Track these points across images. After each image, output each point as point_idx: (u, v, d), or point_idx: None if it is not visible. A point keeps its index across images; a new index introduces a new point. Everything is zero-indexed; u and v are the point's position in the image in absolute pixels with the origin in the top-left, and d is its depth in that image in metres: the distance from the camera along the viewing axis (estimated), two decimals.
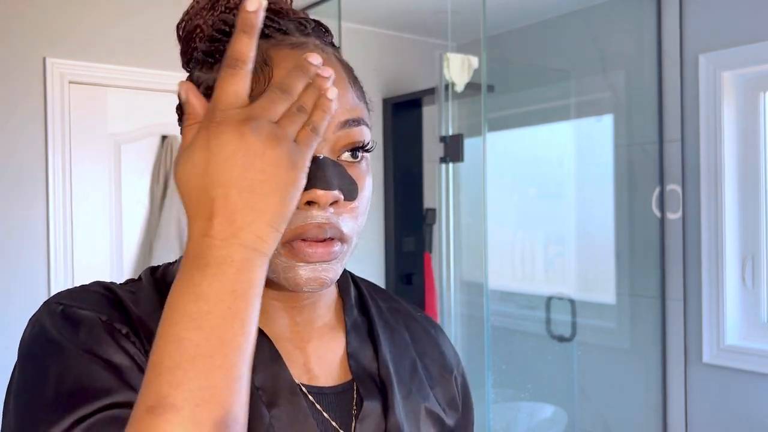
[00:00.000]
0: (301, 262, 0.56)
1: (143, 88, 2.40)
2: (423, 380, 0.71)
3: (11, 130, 2.21)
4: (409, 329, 0.75)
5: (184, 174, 0.49)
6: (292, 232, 0.56)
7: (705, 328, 2.17)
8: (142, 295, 0.61)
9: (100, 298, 0.59)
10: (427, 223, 2.86)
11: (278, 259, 0.57)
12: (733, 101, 2.16)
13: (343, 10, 2.36)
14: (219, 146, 0.47)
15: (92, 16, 2.33)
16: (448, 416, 0.72)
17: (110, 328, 0.56)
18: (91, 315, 0.56)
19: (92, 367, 0.53)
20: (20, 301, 2.21)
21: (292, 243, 0.56)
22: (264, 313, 0.63)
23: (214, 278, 0.47)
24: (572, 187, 2.70)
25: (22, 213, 2.23)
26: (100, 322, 0.56)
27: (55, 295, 0.60)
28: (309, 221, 0.56)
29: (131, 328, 0.57)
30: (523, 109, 2.80)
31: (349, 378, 0.66)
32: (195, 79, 0.63)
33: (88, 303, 0.58)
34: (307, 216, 0.56)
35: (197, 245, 0.48)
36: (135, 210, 2.49)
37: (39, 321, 0.58)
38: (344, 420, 0.64)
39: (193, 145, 0.49)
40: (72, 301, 0.58)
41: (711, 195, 2.15)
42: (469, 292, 2.81)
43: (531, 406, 2.59)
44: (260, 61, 0.58)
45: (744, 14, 2.08)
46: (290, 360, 0.63)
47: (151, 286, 0.63)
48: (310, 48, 0.60)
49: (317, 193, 0.55)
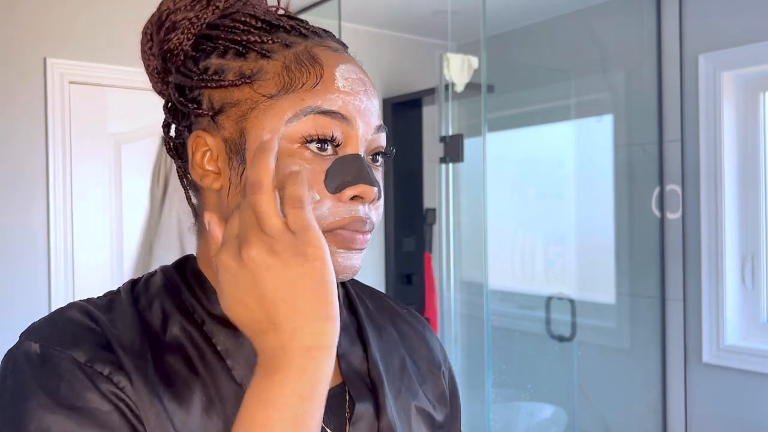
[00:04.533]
0: (341, 248, 0.59)
1: (143, 88, 2.38)
2: (412, 378, 0.72)
3: (11, 131, 2.21)
4: (396, 326, 0.76)
5: (234, 305, 0.52)
6: (337, 224, 0.59)
7: (705, 328, 2.17)
8: (118, 313, 0.60)
9: (79, 330, 0.57)
10: (427, 223, 2.86)
11: None
12: (733, 101, 2.16)
13: (343, 10, 2.36)
14: (256, 274, 0.51)
15: (92, 16, 2.33)
16: (437, 412, 0.73)
17: (91, 373, 0.54)
18: (69, 362, 0.54)
19: (73, 425, 0.52)
20: (20, 301, 2.21)
21: (334, 231, 0.59)
22: None
23: (280, 384, 0.50)
24: (572, 187, 2.70)
25: (22, 213, 2.23)
26: (80, 368, 0.54)
27: (33, 329, 0.58)
28: (353, 214, 0.59)
29: (112, 363, 0.55)
30: (523, 109, 2.80)
31: (340, 380, 0.66)
32: (207, 67, 0.63)
33: (67, 339, 0.56)
34: (351, 209, 0.59)
35: (262, 359, 0.51)
36: (135, 210, 2.49)
37: (17, 365, 0.55)
38: (338, 423, 0.64)
39: (234, 278, 0.52)
40: (51, 340, 0.56)
41: (711, 195, 2.15)
42: (469, 292, 2.81)
43: (531, 406, 2.59)
44: (307, 56, 0.61)
45: (744, 14, 2.08)
46: None
47: (129, 303, 0.62)
48: (346, 56, 0.64)
49: (365, 188, 0.59)
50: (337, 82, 0.60)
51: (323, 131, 0.59)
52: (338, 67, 0.61)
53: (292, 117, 0.59)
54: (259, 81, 0.60)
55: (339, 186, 0.59)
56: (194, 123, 0.64)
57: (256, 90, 0.60)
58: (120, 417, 0.53)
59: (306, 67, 0.60)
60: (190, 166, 0.63)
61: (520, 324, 2.77)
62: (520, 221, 2.90)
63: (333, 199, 0.59)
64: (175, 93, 0.65)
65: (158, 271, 0.66)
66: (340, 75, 0.61)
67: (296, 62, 0.60)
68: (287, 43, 0.62)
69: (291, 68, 0.60)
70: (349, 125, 0.60)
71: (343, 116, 0.59)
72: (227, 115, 0.61)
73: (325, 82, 0.60)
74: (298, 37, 0.63)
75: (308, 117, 0.59)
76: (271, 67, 0.61)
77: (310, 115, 0.59)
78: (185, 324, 0.61)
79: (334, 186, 0.59)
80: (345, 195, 0.59)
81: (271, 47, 0.61)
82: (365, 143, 0.62)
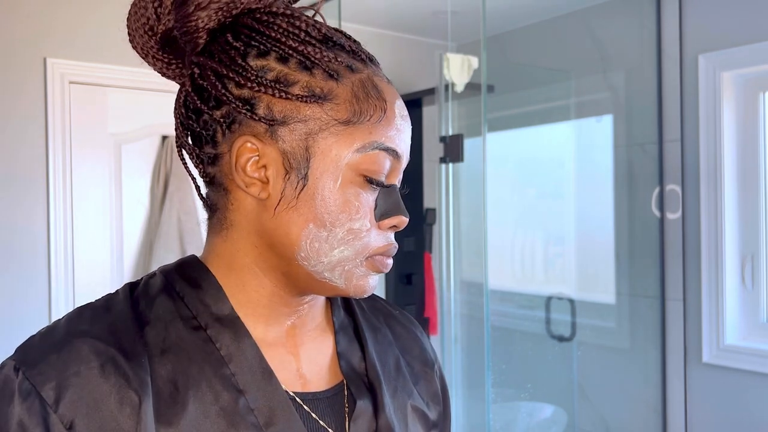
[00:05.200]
0: (374, 272, 0.64)
1: (143, 88, 2.40)
2: (407, 377, 0.73)
3: (11, 130, 2.21)
4: (390, 327, 0.77)
5: None
6: (376, 250, 0.63)
7: (704, 328, 2.17)
8: (118, 318, 0.60)
9: (69, 355, 0.56)
10: (427, 223, 2.86)
11: (357, 269, 0.63)
12: (732, 101, 2.16)
13: (343, 10, 2.36)
14: None
15: (92, 16, 2.33)
16: (431, 411, 0.74)
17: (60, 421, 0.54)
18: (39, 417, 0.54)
19: None
20: (20, 301, 2.21)
21: (373, 257, 0.63)
22: (264, 322, 0.64)
23: None
24: (572, 187, 2.70)
25: (22, 213, 2.23)
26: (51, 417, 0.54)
27: (22, 354, 0.58)
28: (389, 242, 0.64)
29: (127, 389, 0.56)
30: (523, 109, 2.80)
31: (340, 379, 0.67)
32: (265, 69, 0.60)
33: (53, 370, 0.55)
34: (388, 237, 0.64)
35: None
36: (135, 210, 2.49)
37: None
38: (338, 422, 0.65)
39: None
40: (35, 371, 0.55)
41: (710, 195, 2.15)
42: (469, 292, 2.81)
43: (531, 406, 2.59)
44: (372, 86, 0.62)
45: (744, 14, 2.08)
46: (283, 367, 0.64)
47: (128, 307, 0.61)
48: (395, 89, 0.66)
49: (403, 219, 0.64)
50: (396, 120, 0.63)
51: (382, 168, 0.62)
52: (396, 103, 0.64)
53: (360, 148, 0.60)
54: (329, 103, 0.60)
55: (382, 215, 0.63)
56: (241, 123, 0.61)
57: (326, 112, 0.60)
58: None
59: (373, 100, 0.62)
60: (233, 169, 0.61)
61: (520, 324, 2.77)
62: (520, 221, 2.90)
63: (376, 227, 0.63)
64: (216, 82, 0.61)
65: (157, 272, 0.65)
66: (398, 112, 0.64)
67: (363, 92, 0.62)
68: (352, 68, 0.62)
69: (360, 97, 0.61)
70: (398, 161, 0.64)
71: (397, 153, 0.63)
72: (290, 129, 0.60)
73: (388, 118, 0.62)
74: (359, 62, 0.63)
75: (374, 152, 0.61)
76: (341, 91, 0.61)
77: (375, 150, 0.61)
78: (185, 330, 0.60)
79: (379, 215, 0.63)
80: (385, 224, 0.63)
81: (338, 69, 0.61)
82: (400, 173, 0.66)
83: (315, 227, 0.60)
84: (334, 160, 0.60)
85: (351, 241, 0.61)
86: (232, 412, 0.58)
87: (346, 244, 0.61)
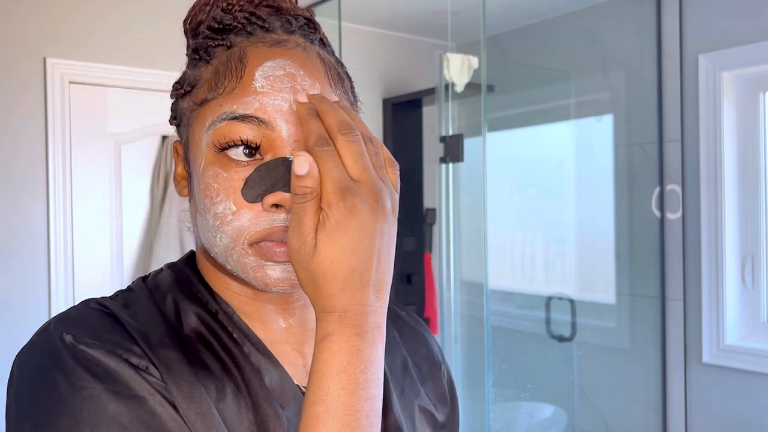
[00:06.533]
0: (270, 262, 0.56)
1: (143, 88, 2.40)
2: (414, 378, 0.72)
3: (11, 130, 2.21)
4: (397, 327, 0.76)
5: (330, 255, 0.49)
6: (259, 234, 0.55)
7: (705, 328, 2.17)
8: (138, 308, 0.60)
9: (106, 324, 0.56)
10: (427, 223, 2.86)
11: (246, 258, 0.56)
12: (732, 101, 2.16)
13: (343, 10, 2.36)
14: (360, 226, 0.49)
15: (92, 15, 2.33)
16: (439, 412, 0.73)
17: (128, 364, 0.53)
18: (104, 353, 0.53)
19: (129, 413, 0.51)
20: (20, 300, 2.21)
21: (260, 243, 0.56)
22: (258, 318, 0.63)
23: (373, 345, 0.51)
24: (572, 187, 2.70)
25: (22, 213, 2.23)
26: (118, 358, 0.53)
27: (61, 321, 0.56)
28: (275, 224, 0.55)
29: (140, 356, 0.55)
30: (523, 109, 2.80)
31: None
32: (181, 76, 0.63)
33: (97, 332, 0.55)
34: (273, 219, 0.55)
35: (354, 315, 0.50)
36: (135, 210, 2.49)
37: (58, 356, 0.53)
38: None
39: (334, 229, 0.49)
40: (82, 332, 0.54)
41: (711, 195, 2.15)
42: (469, 292, 2.81)
43: (531, 406, 2.59)
44: (236, 57, 0.58)
45: (744, 14, 2.08)
46: (290, 362, 0.63)
47: (145, 296, 0.61)
48: (290, 46, 0.59)
49: (283, 196, 0.54)
50: (255, 83, 0.56)
51: (230, 137, 0.55)
52: (262, 66, 0.56)
53: (210, 124, 0.57)
54: (195, 89, 0.60)
55: (257, 194, 0.55)
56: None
57: (192, 99, 0.60)
58: (161, 403, 0.53)
59: (231, 70, 0.57)
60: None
61: (520, 324, 2.77)
62: (520, 221, 2.90)
63: (248, 208, 0.55)
64: None
65: (164, 268, 0.66)
66: (260, 74, 0.56)
67: (225, 66, 0.57)
68: (229, 44, 0.59)
69: (219, 72, 0.58)
70: (268, 128, 0.55)
71: (259, 119, 0.55)
72: (183, 127, 0.62)
73: (243, 84, 0.56)
74: (243, 36, 0.59)
75: (224, 123, 0.56)
76: (205, 73, 0.59)
77: (225, 122, 0.55)
78: (202, 314, 0.61)
79: (254, 195, 0.55)
80: (266, 203, 0.55)
81: (213, 51, 0.59)
82: (301, 141, 0.55)
83: (201, 217, 0.59)
84: (197, 144, 0.58)
85: (220, 227, 0.56)
86: (254, 389, 0.58)
87: (218, 230, 0.56)
